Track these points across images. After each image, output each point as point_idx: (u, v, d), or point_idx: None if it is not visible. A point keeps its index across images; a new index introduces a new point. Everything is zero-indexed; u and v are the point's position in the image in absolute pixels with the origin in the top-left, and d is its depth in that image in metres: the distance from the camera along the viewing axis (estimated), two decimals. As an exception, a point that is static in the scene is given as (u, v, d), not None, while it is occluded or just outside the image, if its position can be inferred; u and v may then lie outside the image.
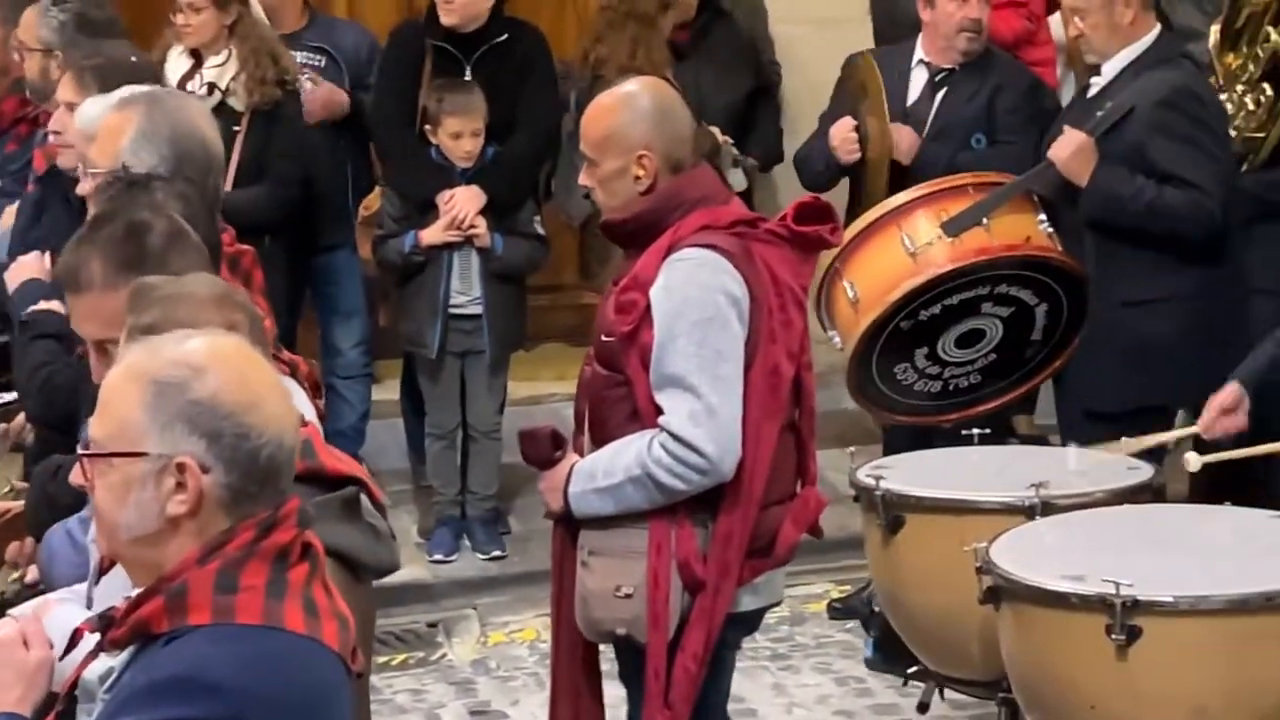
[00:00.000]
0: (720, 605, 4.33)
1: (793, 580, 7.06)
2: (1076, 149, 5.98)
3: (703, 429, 4.21)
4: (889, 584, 5.20)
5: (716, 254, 4.27)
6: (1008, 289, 5.86)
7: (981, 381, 6.03)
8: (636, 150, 4.35)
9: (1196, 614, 4.29)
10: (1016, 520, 4.83)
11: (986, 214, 5.87)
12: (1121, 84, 6.09)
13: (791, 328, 4.37)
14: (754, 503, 4.33)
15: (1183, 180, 5.93)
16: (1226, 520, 4.92)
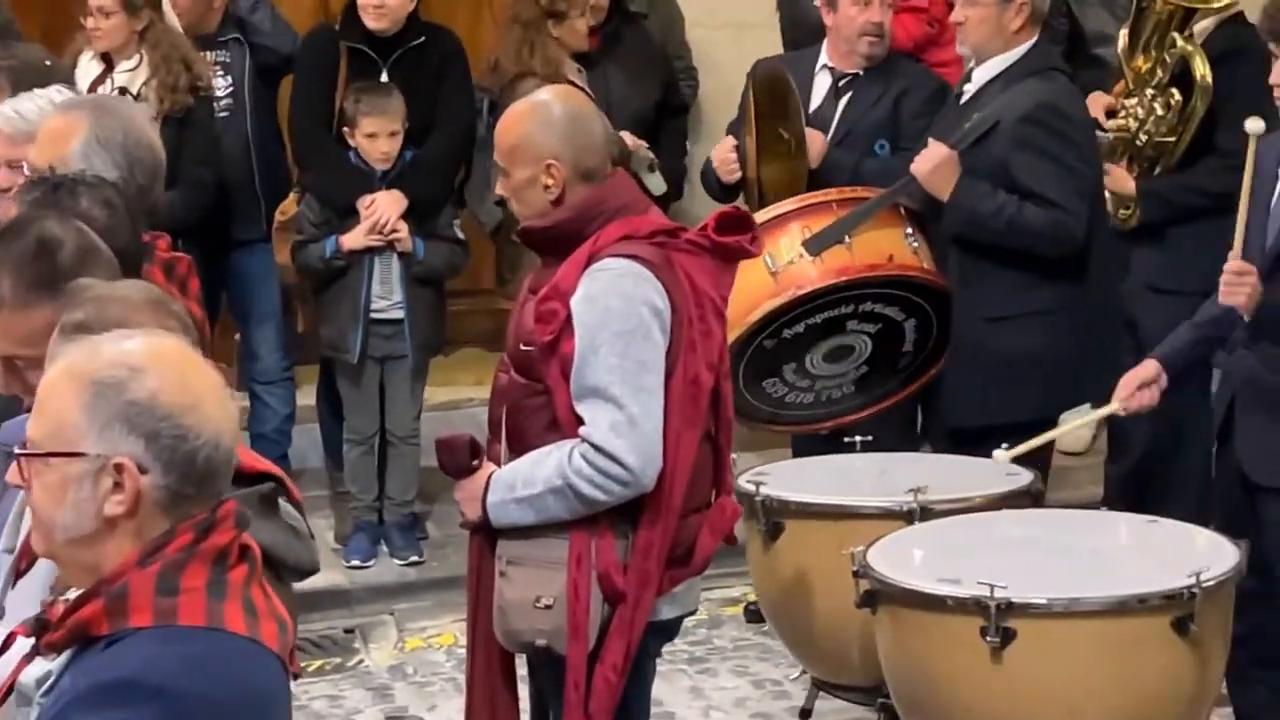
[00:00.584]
0: (640, 616, 4.31)
1: (710, 584, 7.08)
2: (939, 163, 5.98)
3: (625, 440, 4.19)
4: (770, 590, 5.23)
5: (638, 264, 4.25)
6: (873, 306, 5.87)
7: (855, 391, 6.03)
8: (545, 160, 4.33)
9: (1070, 616, 4.34)
10: (895, 525, 4.86)
11: (849, 231, 5.86)
12: (991, 94, 6.09)
13: (711, 338, 4.35)
14: (674, 513, 4.30)
15: (1044, 198, 5.92)
16: (1102, 524, 4.97)
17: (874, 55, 6.62)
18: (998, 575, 4.29)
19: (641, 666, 4.47)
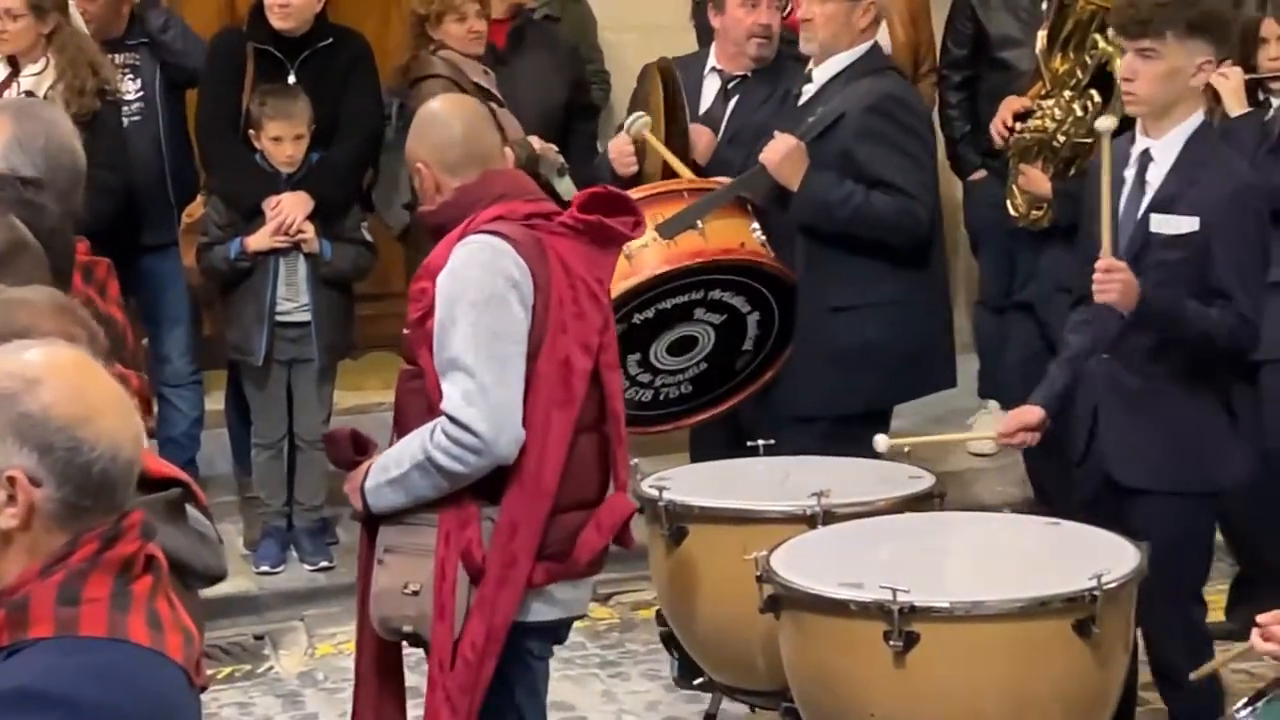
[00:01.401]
0: (504, 598, 4.30)
1: (623, 587, 7.17)
2: (787, 153, 6.03)
3: (475, 408, 4.21)
4: (673, 595, 5.20)
5: (499, 239, 4.30)
6: (721, 295, 5.88)
7: (693, 392, 6.04)
8: (415, 163, 4.50)
9: (973, 619, 4.33)
10: (798, 529, 4.85)
11: (701, 217, 5.89)
12: (832, 91, 6.14)
13: (585, 320, 4.37)
14: (544, 495, 4.30)
15: (890, 186, 6.01)
16: (1004, 527, 4.99)
17: (762, 57, 6.64)
18: (901, 579, 4.28)
19: (528, 667, 4.48)
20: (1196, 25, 5.00)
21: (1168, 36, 5.00)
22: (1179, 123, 5.08)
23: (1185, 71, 5.02)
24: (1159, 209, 5.06)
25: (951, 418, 8.20)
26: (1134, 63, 5.07)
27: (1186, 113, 5.09)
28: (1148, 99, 5.09)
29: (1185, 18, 5.00)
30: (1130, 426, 5.10)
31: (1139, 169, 5.12)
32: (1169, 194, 5.05)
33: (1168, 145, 5.09)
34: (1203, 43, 5.02)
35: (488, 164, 4.48)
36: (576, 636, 6.83)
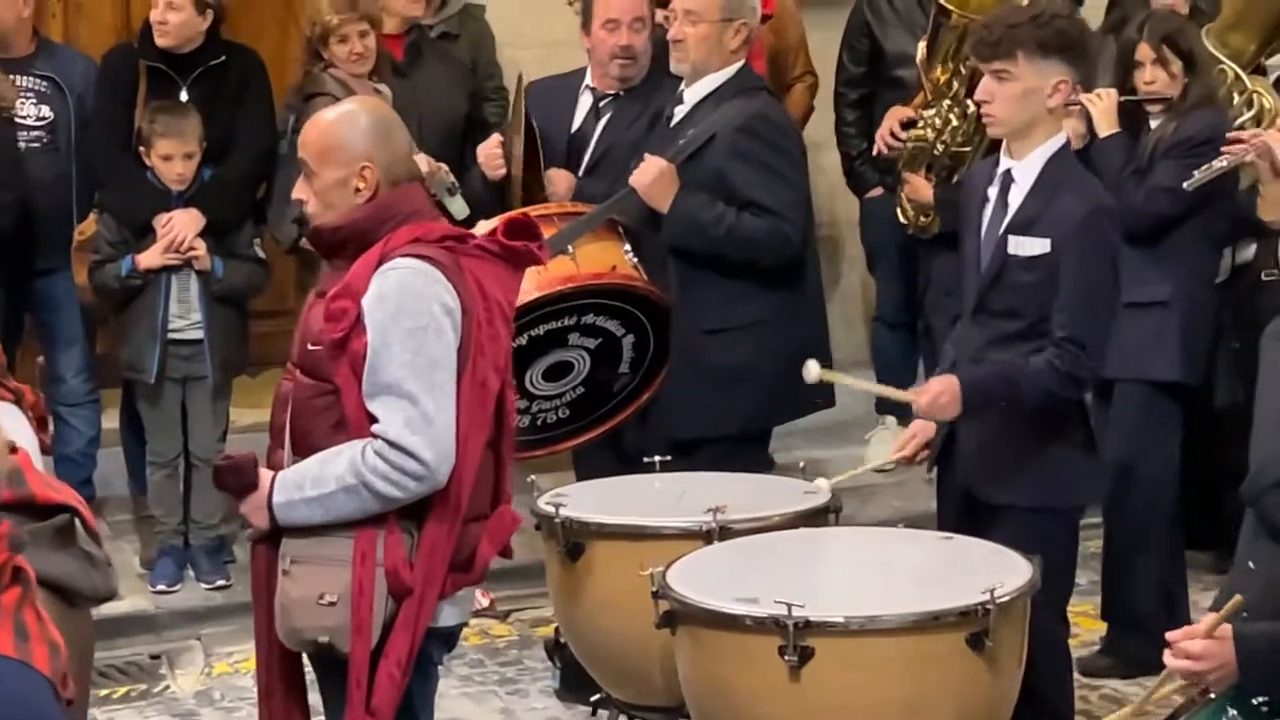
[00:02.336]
0: (424, 614, 4.31)
1: (521, 604, 7.16)
2: (658, 175, 6.04)
3: (420, 436, 4.20)
4: (570, 612, 5.20)
5: (428, 264, 4.28)
6: (595, 319, 5.88)
7: (570, 416, 6.04)
8: (359, 162, 4.36)
9: (867, 634, 4.34)
10: (694, 545, 4.85)
11: (572, 241, 5.88)
12: (703, 113, 6.15)
13: (498, 342, 4.40)
14: (460, 514, 4.32)
15: (761, 206, 6.02)
16: (899, 541, 5.00)
17: (625, 78, 6.64)
18: (796, 594, 4.29)
19: (426, 673, 4.48)
20: (1049, 46, 5.03)
21: (1019, 57, 5.03)
22: (1039, 144, 5.11)
23: (1040, 92, 5.05)
24: (1017, 230, 5.09)
25: (848, 433, 8.25)
26: (989, 84, 5.11)
27: (1047, 134, 5.12)
28: (1004, 120, 5.12)
29: (1037, 38, 5.03)
30: (991, 444, 5.13)
31: (1001, 189, 5.16)
32: (1026, 216, 5.08)
33: (1028, 167, 5.12)
34: (1057, 63, 5.04)
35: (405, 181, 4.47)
36: (475, 654, 6.86)
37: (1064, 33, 5.08)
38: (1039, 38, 5.04)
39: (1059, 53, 5.05)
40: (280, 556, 4.38)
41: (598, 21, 6.64)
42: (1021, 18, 5.13)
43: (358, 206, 4.37)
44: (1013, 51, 5.04)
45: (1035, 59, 5.04)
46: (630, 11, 6.61)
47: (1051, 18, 5.12)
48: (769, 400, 6.16)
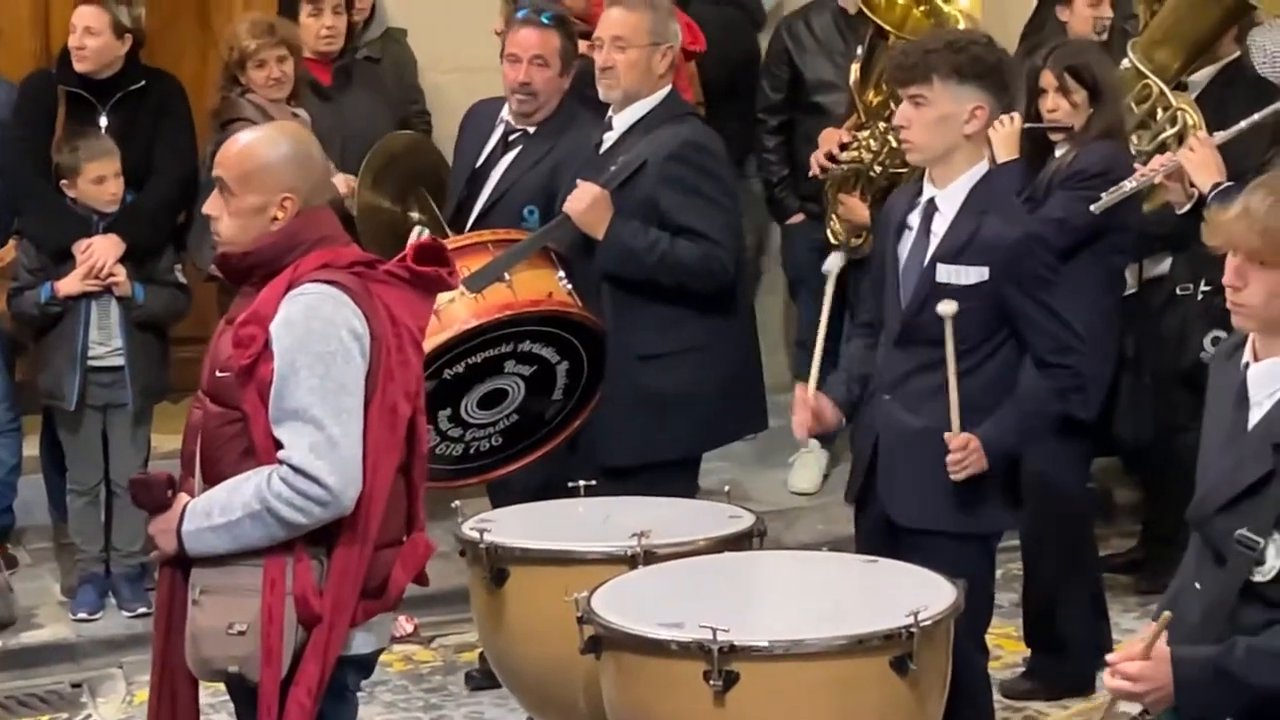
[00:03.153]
0: (335, 641, 4.29)
1: (445, 630, 7.14)
2: (591, 202, 6.03)
3: (325, 461, 4.18)
4: (495, 637, 5.18)
5: (337, 289, 4.27)
6: (531, 346, 5.87)
7: (503, 443, 6.03)
8: (281, 193, 4.34)
9: (792, 658, 4.34)
10: (619, 570, 4.85)
11: (507, 269, 5.87)
12: (633, 139, 6.16)
13: (409, 368, 4.38)
14: (370, 540, 4.30)
15: (694, 232, 6.03)
16: (823, 565, 5.01)
17: (523, 114, 6.60)
18: (721, 618, 4.30)
19: (342, 700, 4.46)
20: (964, 72, 5.06)
21: (935, 83, 5.06)
22: (962, 171, 5.14)
23: (957, 118, 5.07)
24: (946, 259, 5.11)
25: (771, 457, 8.27)
26: (906, 109, 5.14)
27: (969, 161, 5.15)
28: (921, 146, 5.15)
29: (952, 64, 5.05)
30: (909, 468, 5.16)
31: (924, 218, 5.17)
32: (955, 244, 5.10)
33: (952, 194, 5.14)
34: (973, 89, 5.07)
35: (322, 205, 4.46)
36: (400, 680, 6.83)
37: (979, 59, 5.10)
38: (954, 63, 5.06)
39: (975, 79, 5.07)
40: (190, 586, 4.35)
41: (505, 54, 6.65)
42: (938, 43, 5.16)
43: (268, 233, 4.36)
44: (928, 76, 5.07)
45: (950, 84, 5.06)
46: (531, 48, 6.55)
47: (968, 44, 5.15)
48: (705, 425, 6.17)
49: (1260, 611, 3.85)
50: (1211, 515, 3.96)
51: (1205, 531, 4.01)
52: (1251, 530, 3.84)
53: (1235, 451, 3.95)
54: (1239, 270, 3.89)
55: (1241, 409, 3.97)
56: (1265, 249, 3.84)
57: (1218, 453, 4.02)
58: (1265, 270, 3.85)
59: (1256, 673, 3.78)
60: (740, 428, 6.43)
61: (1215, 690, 3.81)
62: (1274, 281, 3.85)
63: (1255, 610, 3.86)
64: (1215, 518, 3.94)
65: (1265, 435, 3.89)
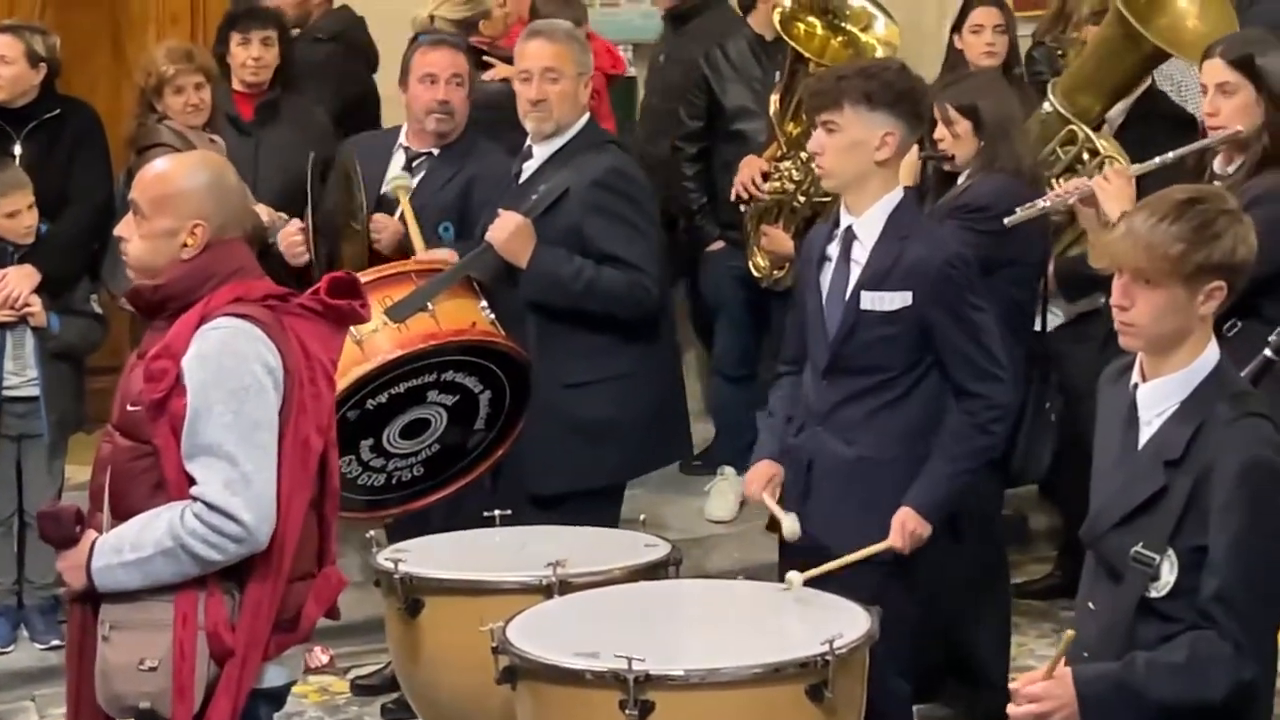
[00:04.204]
0: (247, 676, 4.27)
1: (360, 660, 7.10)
2: (514, 231, 6.03)
3: (240, 497, 4.16)
4: (410, 667, 5.16)
5: (250, 323, 4.25)
6: (454, 375, 5.84)
7: (424, 474, 6.02)
8: (192, 219, 4.31)
9: (707, 687, 4.35)
10: (534, 599, 4.85)
11: (430, 298, 5.86)
12: (553, 168, 6.17)
13: (321, 401, 4.36)
14: (283, 575, 4.28)
15: (619, 260, 6.04)
16: (739, 594, 5.03)
17: (442, 132, 6.62)
18: (636, 647, 4.30)
19: None
20: (875, 98, 5.08)
21: (846, 109, 5.08)
22: (877, 198, 5.16)
23: (868, 144, 5.10)
24: (869, 286, 5.13)
25: (688, 484, 8.27)
26: (820, 136, 5.16)
27: (884, 188, 5.18)
28: (833, 172, 5.18)
29: (863, 90, 5.08)
30: (839, 498, 5.18)
31: (844, 247, 5.20)
32: (878, 271, 5.13)
33: (869, 221, 5.17)
34: (884, 116, 5.09)
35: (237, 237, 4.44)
36: (315, 711, 6.79)
37: (890, 85, 5.12)
38: (865, 90, 5.09)
39: (885, 105, 5.10)
40: (100, 622, 4.31)
41: (415, 75, 6.63)
42: (850, 70, 5.20)
43: (179, 263, 4.33)
44: (839, 103, 5.10)
45: (861, 111, 5.09)
46: (448, 67, 6.59)
47: (880, 71, 5.18)
48: (631, 453, 6.19)
49: (1157, 627, 3.89)
50: (1105, 534, 4.00)
51: (1099, 550, 4.05)
52: (1147, 547, 3.88)
53: (1126, 470, 3.99)
54: (1125, 290, 3.94)
55: (1131, 429, 4.01)
56: (1148, 268, 3.88)
57: (1109, 473, 4.07)
58: (1150, 289, 3.90)
59: (1157, 687, 3.82)
60: (666, 455, 6.45)
61: (1118, 706, 3.84)
62: (1158, 300, 3.89)
63: (1152, 626, 3.89)
64: (1109, 536, 3.98)
65: (1156, 453, 3.93)
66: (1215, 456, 3.84)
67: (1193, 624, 3.84)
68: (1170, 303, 3.88)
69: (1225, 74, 5.71)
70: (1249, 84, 5.67)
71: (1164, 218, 3.89)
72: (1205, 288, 3.87)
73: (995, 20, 7.73)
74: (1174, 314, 3.89)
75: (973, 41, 7.67)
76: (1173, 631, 3.86)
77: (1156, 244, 3.87)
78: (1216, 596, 3.81)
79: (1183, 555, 3.85)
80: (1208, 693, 3.81)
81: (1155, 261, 3.87)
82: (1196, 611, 3.84)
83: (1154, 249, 3.87)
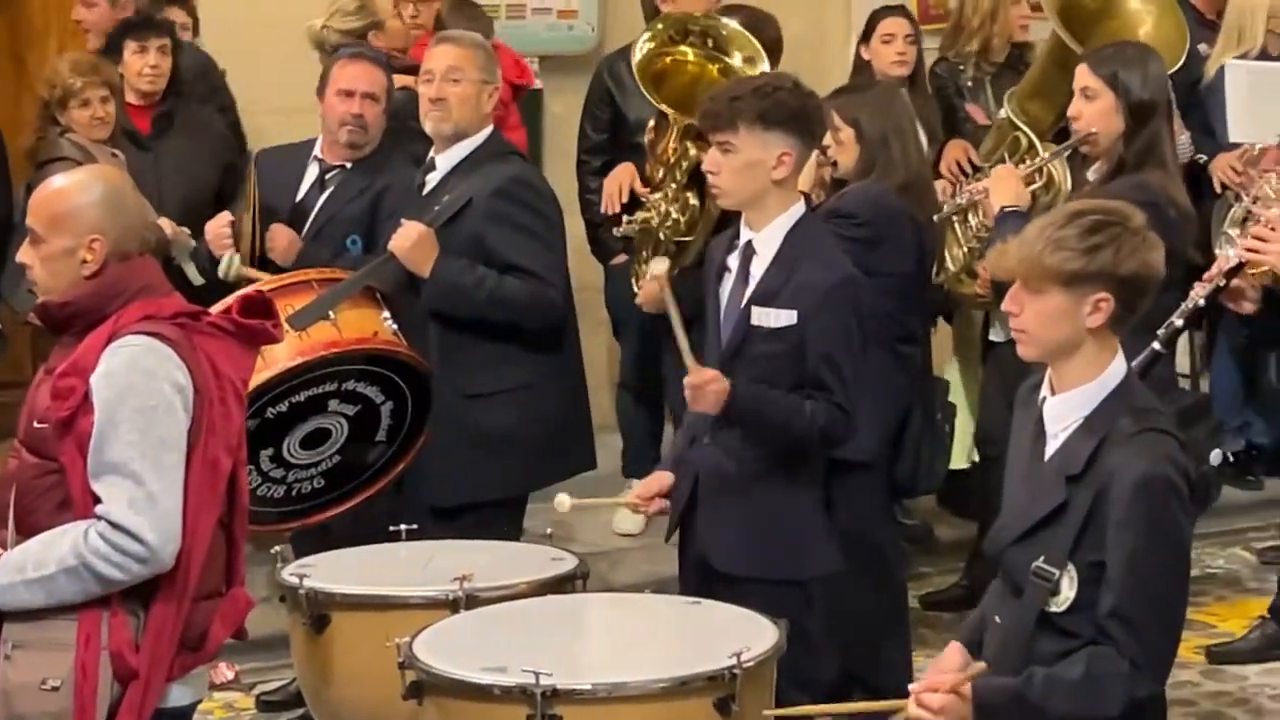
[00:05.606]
0: (151, 696, 4.24)
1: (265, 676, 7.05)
2: (417, 240, 6.03)
3: (144, 517, 4.13)
4: (316, 684, 5.13)
5: (159, 341, 4.22)
6: (355, 385, 5.84)
7: (325, 486, 6.01)
8: (88, 234, 4.28)
9: (615, 700, 4.35)
10: (441, 614, 4.83)
11: (332, 307, 5.86)
12: (457, 178, 6.18)
13: (231, 421, 4.34)
14: (188, 596, 4.26)
15: (522, 269, 6.06)
16: (647, 608, 5.03)
17: (354, 144, 6.59)
18: (544, 662, 4.29)
19: None
20: (769, 118, 5.09)
21: (741, 130, 5.09)
22: (776, 215, 5.18)
23: (764, 164, 5.11)
24: (759, 302, 5.15)
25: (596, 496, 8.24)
26: (715, 156, 5.17)
27: (782, 205, 5.19)
28: (730, 192, 5.19)
29: (758, 110, 5.09)
30: (725, 512, 5.19)
31: (742, 261, 5.22)
32: (770, 287, 5.15)
33: (769, 238, 5.19)
34: (780, 135, 5.11)
35: (136, 255, 4.39)
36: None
37: (785, 105, 5.13)
38: (760, 109, 5.10)
39: (779, 124, 5.11)
40: (2, 641, 4.28)
41: (332, 88, 6.62)
42: (744, 90, 5.20)
43: (83, 280, 4.30)
44: (734, 123, 5.11)
45: (756, 131, 5.10)
46: (365, 82, 6.58)
47: (774, 89, 5.18)
48: (534, 464, 6.18)
49: (1056, 642, 3.92)
50: (1007, 547, 4.03)
51: (1003, 563, 4.08)
52: (1047, 561, 3.91)
53: (1031, 484, 4.04)
54: (1014, 297, 4.00)
55: (1039, 442, 4.05)
56: (1030, 273, 3.94)
57: (1015, 488, 4.11)
58: (1036, 296, 3.95)
59: (1054, 702, 3.86)
60: (569, 466, 6.43)
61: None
62: (1043, 307, 3.94)
63: (1051, 641, 3.93)
64: (1011, 550, 4.02)
65: (1059, 468, 3.97)
66: (1114, 472, 3.88)
67: (1091, 639, 3.88)
68: (1055, 310, 3.93)
69: (1089, 79, 5.93)
70: (1110, 92, 5.86)
71: (1050, 225, 3.95)
72: (1090, 298, 3.91)
73: (905, 30, 7.81)
74: (1060, 322, 3.94)
75: (884, 51, 7.73)
76: (1072, 646, 3.90)
77: (1038, 250, 3.93)
78: (1114, 613, 3.85)
79: (1082, 570, 3.90)
80: (1104, 709, 3.86)
81: (1034, 267, 3.93)
82: (1095, 627, 3.87)
83: (1035, 254, 3.93)
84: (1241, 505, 8.10)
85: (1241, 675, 7.04)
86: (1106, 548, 3.86)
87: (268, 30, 8.46)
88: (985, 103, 8.00)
